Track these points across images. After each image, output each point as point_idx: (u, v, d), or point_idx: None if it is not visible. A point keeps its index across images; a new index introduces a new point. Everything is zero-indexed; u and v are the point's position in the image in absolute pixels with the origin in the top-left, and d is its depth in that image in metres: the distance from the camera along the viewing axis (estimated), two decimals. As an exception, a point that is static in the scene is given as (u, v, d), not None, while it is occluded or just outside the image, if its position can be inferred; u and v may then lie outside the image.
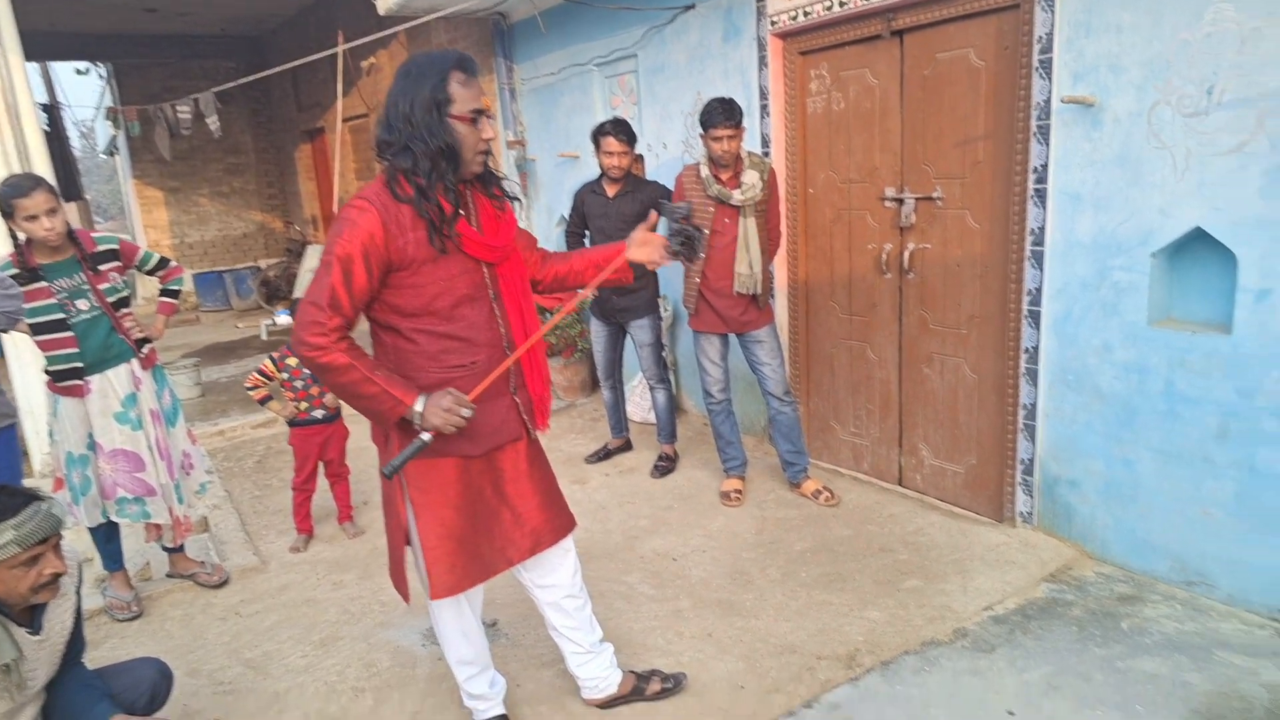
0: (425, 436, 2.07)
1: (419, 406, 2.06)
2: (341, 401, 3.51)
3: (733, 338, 4.22)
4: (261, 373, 3.95)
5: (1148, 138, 2.91)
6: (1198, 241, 2.90)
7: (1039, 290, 3.32)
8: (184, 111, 7.59)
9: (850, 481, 4.37)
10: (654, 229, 2.32)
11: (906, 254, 3.87)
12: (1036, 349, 3.37)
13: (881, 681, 2.70)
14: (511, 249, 2.21)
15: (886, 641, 2.94)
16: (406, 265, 2.03)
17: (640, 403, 5.58)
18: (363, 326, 2.17)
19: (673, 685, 2.71)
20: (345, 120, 9.45)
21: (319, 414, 4.05)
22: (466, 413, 2.06)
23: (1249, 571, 2.90)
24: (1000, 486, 3.69)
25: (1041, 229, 3.27)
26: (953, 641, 2.89)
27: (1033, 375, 3.42)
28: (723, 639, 3.04)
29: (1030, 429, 3.47)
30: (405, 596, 2.39)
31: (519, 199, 2.32)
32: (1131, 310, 3.05)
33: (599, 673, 2.63)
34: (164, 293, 3.70)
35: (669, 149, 5.15)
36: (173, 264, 3.66)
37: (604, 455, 4.97)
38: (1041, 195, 3.26)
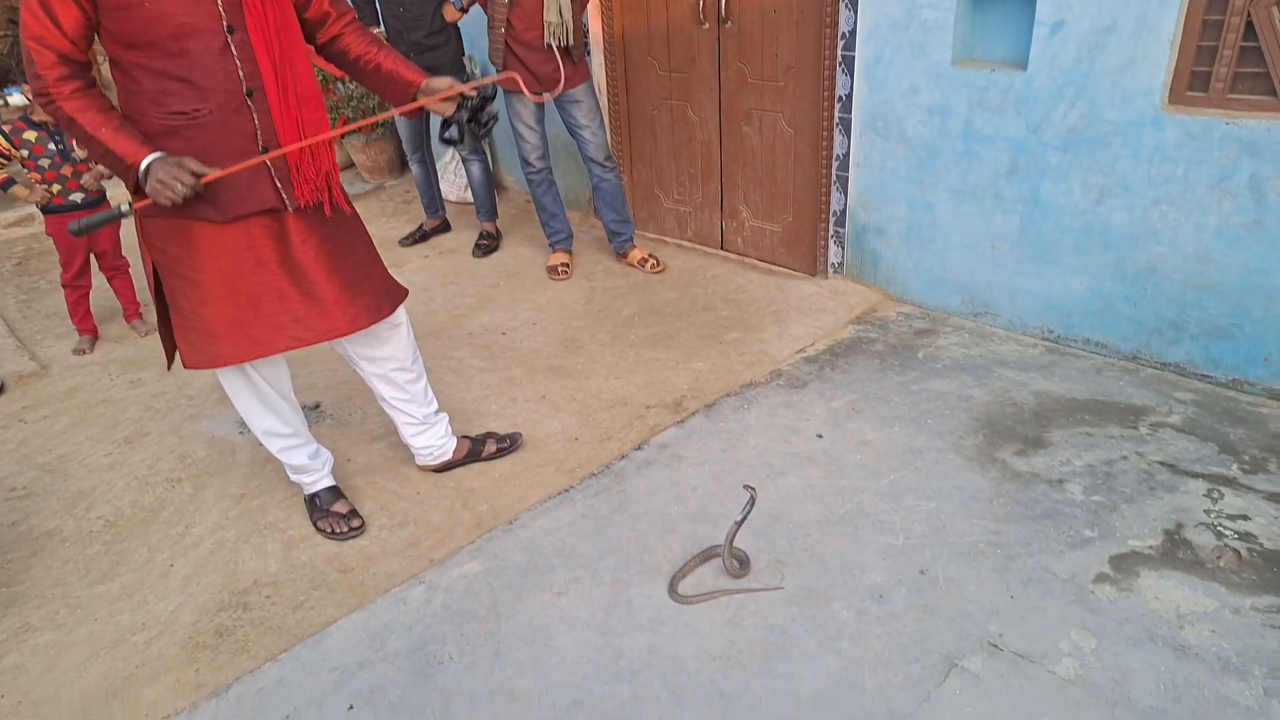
0: (124, 207, 1.91)
1: (145, 165, 1.89)
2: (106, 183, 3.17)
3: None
4: None
5: None
6: (998, -20, 3.01)
7: (852, 34, 3.38)
8: None
9: (675, 249, 4.50)
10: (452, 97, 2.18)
11: (723, 0, 3.80)
12: (850, 96, 3.48)
13: (705, 421, 2.93)
14: None
15: (709, 387, 3.17)
16: None
17: (455, 180, 5.40)
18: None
19: (509, 445, 2.84)
20: None
21: (77, 197, 3.64)
22: (182, 188, 1.87)
23: (1025, 299, 3.29)
24: (814, 241, 3.91)
25: (855, -29, 3.28)
26: (769, 382, 3.15)
27: (846, 125, 3.55)
28: (556, 399, 3.18)
29: (843, 180, 3.65)
30: (168, 362, 2.32)
31: None
32: (937, 50, 3.17)
33: (433, 441, 2.71)
34: None
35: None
36: None
37: (420, 237, 4.85)
38: (855, -66, 3.24)
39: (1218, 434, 2.64)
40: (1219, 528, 2.25)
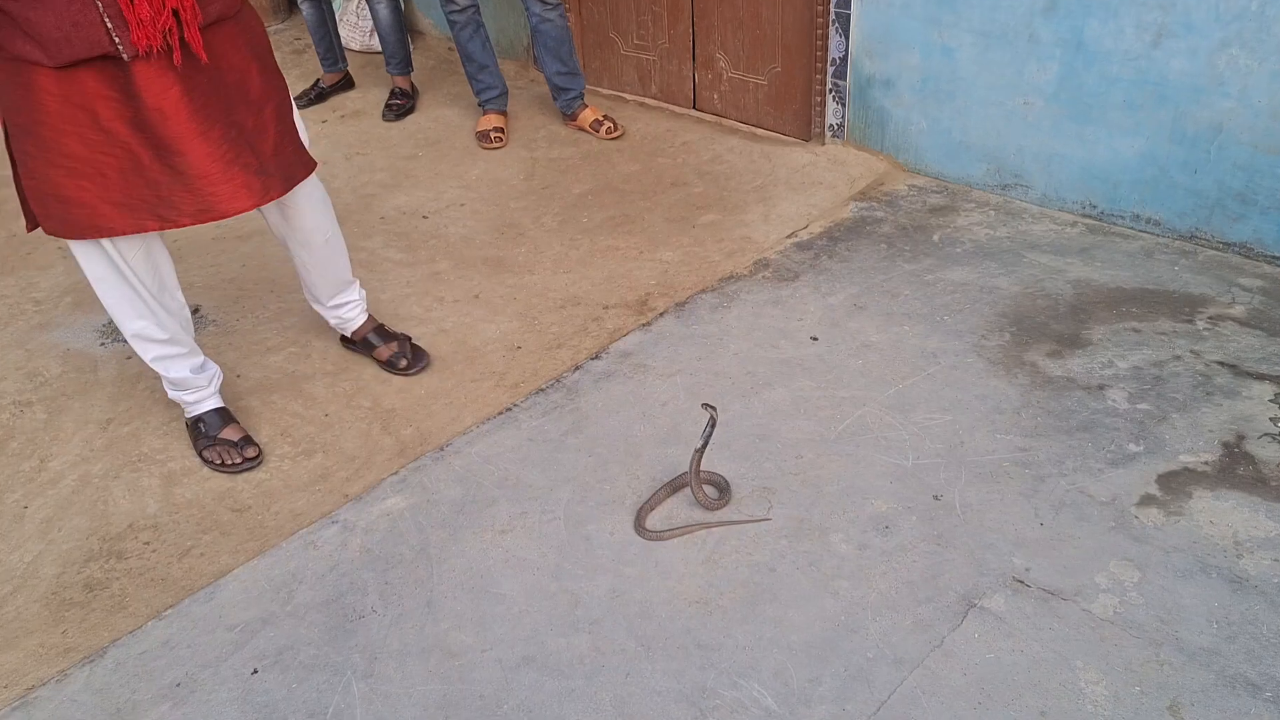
0: None
1: None
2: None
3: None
4: None
5: None
6: None
7: None
8: None
9: (636, 109, 4.42)
10: None
11: None
12: (851, -84, 3.38)
13: (676, 323, 2.93)
14: None
15: (681, 282, 3.16)
16: None
17: (358, 23, 5.23)
18: None
19: (409, 363, 2.82)
20: None
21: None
22: None
23: (1063, 167, 3.28)
24: (808, 96, 3.85)
25: None
26: (753, 274, 3.14)
27: (846, -49, 3.46)
28: (493, 299, 3.15)
29: (843, 20, 3.58)
30: (28, 225, 2.29)
31: None
32: None
33: (340, 312, 2.79)
34: None
35: None
36: None
37: (316, 97, 4.73)
38: None
39: (1286, 328, 2.69)
40: (1283, 438, 2.31)
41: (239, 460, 2.51)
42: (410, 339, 2.87)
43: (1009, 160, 3.40)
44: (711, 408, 2.19)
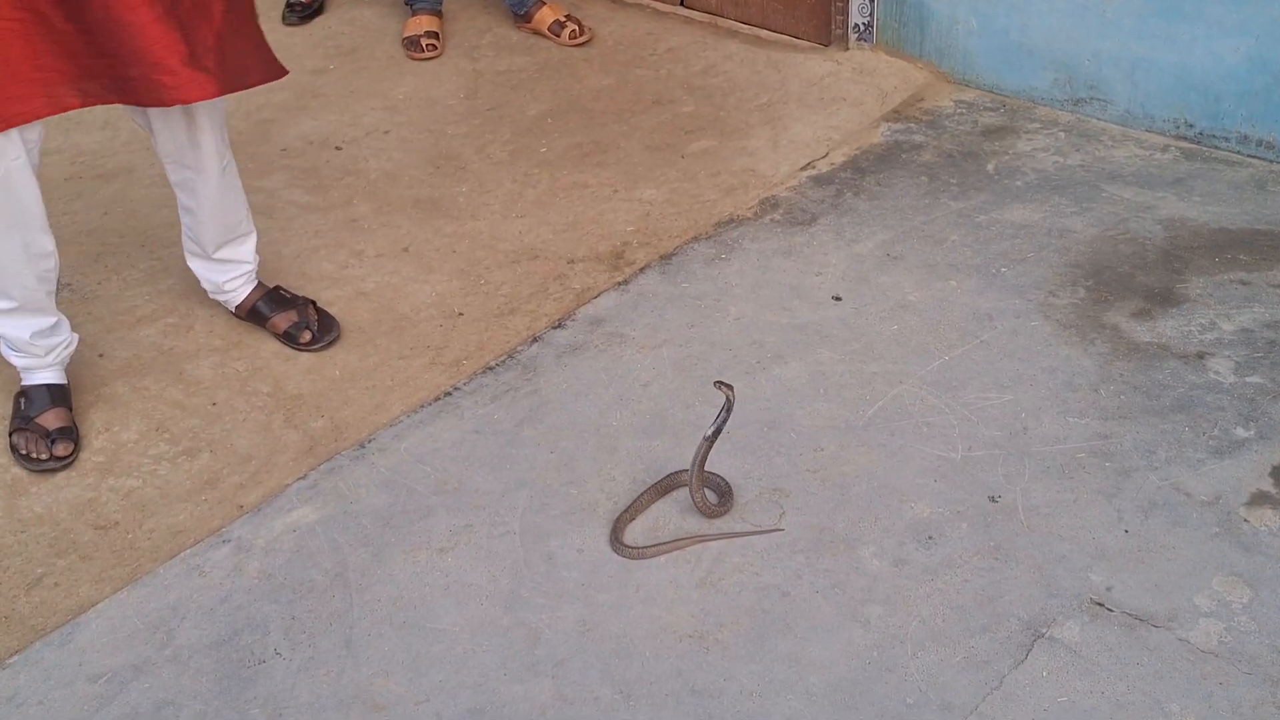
0: None
1: None
2: None
3: None
4: None
5: None
6: None
7: None
8: None
9: (608, 6, 4.39)
10: None
11: None
12: None
13: (661, 281, 2.92)
14: None
15: (666, 228, 3.14)
16: None
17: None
18: None
19: (317, 336, 2.83)
20: None
21: None
22: None
23: (1151, 75, 3.27)
24: (827, -11, 3.83)
25: None
26: (758, 217, 3.13)
27: None
28: (426, 253, 3.13)
29: (870, -109, 3.57)
30: None
31: None
32: None
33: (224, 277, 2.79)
34: None
35: None
36: None
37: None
38: None
39: None
40: None
41: (44, 456, 2.50)
42: (314, 304, 2.85)
43: (1082, 68, 3.39)
44: (727, 386, 2.19)
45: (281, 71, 2.58)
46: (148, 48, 2.24)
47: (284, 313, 2.81)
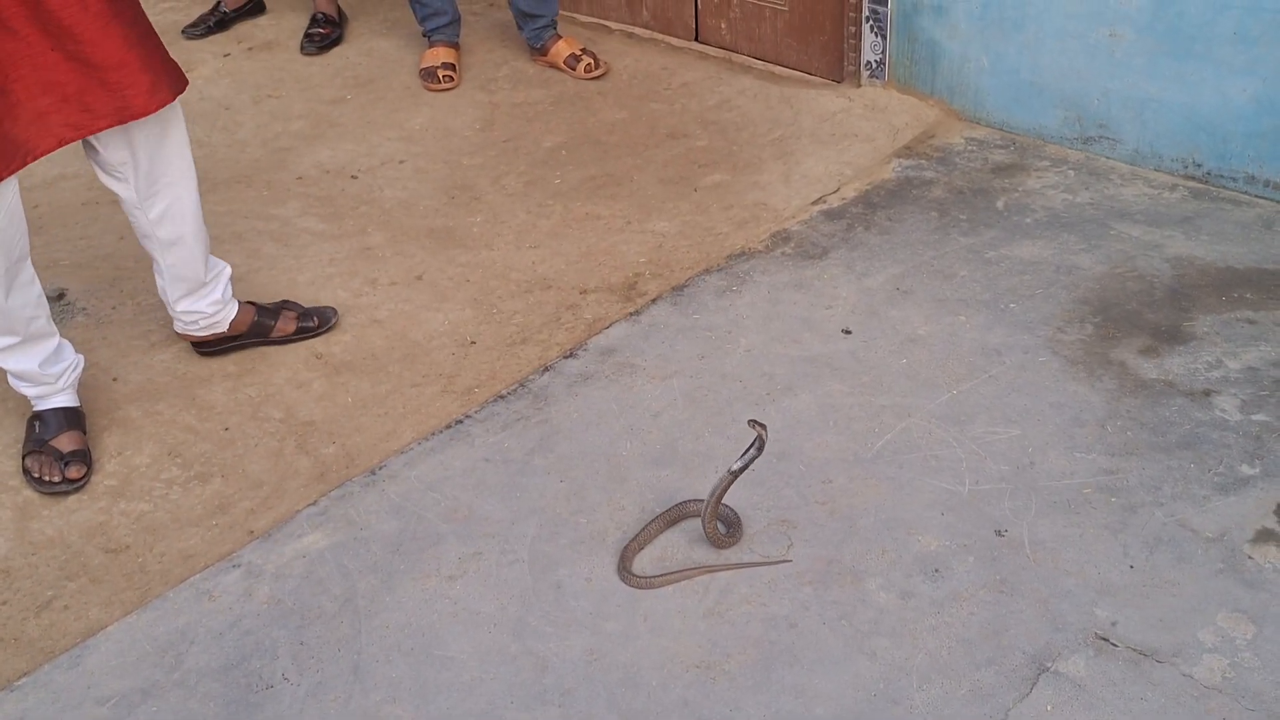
0: None
1: None
2: None
3: None
4: None
5: None
6: None
7: None
8: None
9: (623, 40, 4.43)
10: None
11: None
12: None
13: (672, 312, 2.93)
14: None
15: (679, 260, 3.16)
16: None
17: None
18: None
19: (315, 323, 2.90)
20: None
21: None
22: None
23: (1160, 115, 3.28)
24: (840, 26, 3.86)
25: None
26: (770, 250, 3.14)
27: None
28: (439, 281, 3.15)
29: (882, -70, 3.59)
30: None
31: None
32: None
33: (200, 306, 2.76)
34: None
35: None
36: None
37: (217, 24, 4.71)
38: None
39: None
40: None
41: (56, 479, 2.50)
42: (293, 303, 2.92)
43: (1091, 107, 3.41)
44: (760, 425, 2.18)
45: (184, 79, 2.52)
46: (130, 73, 2.28)
47: (285, 313, 2.86)
